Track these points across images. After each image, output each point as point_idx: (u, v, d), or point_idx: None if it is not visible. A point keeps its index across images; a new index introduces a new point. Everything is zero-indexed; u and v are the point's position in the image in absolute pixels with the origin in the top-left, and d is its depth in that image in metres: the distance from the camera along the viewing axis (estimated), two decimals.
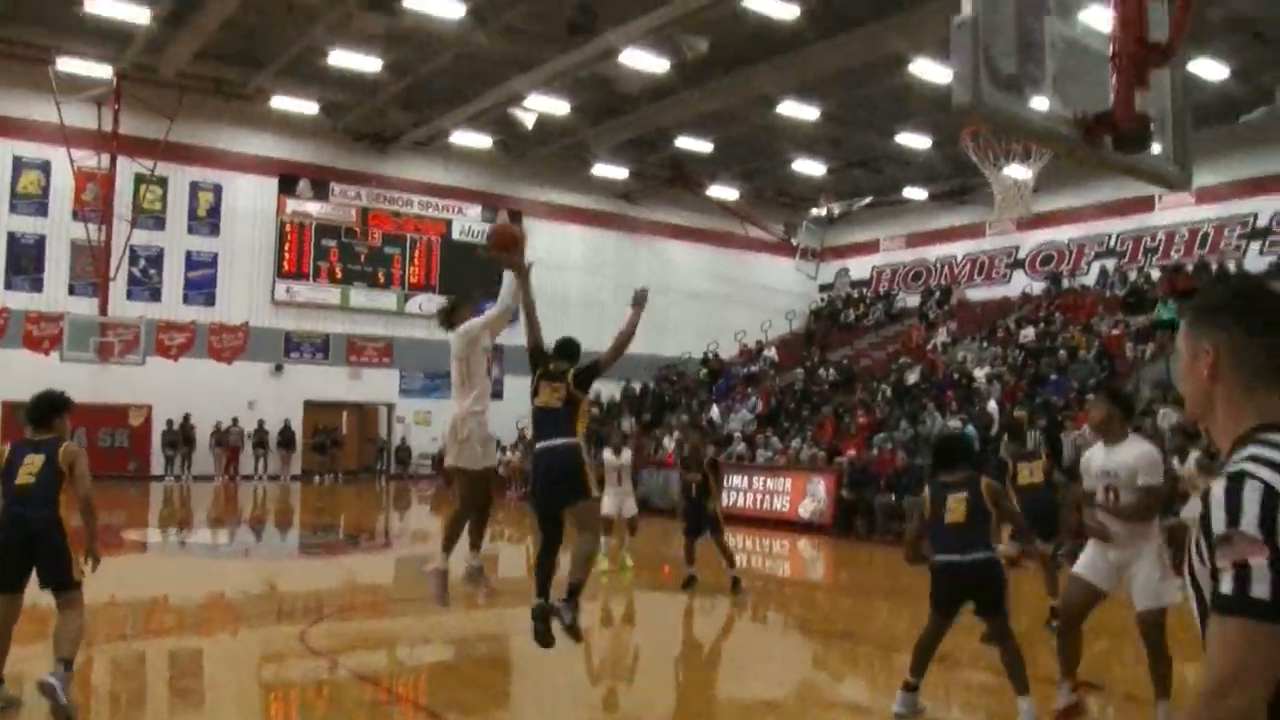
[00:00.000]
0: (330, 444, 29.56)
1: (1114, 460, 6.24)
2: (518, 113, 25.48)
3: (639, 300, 6.79)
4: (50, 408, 6.46)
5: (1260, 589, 1.75)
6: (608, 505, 12.46)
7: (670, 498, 22.61)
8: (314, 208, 29.64)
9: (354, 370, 30.22)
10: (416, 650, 8.96)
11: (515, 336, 28.94)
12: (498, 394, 29.65)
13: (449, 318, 7.11)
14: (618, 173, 31.77)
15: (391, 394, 30.82)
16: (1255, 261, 26.35)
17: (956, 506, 6.38)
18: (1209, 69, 21.85)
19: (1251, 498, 1.81)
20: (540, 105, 25.17)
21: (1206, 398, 2.10)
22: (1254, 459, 1.89)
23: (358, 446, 31.30)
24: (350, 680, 7.58)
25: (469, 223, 31.84)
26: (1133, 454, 6.21)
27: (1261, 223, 27.08)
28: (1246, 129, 24.32)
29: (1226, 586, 1.79)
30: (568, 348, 6.93)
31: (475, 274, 30.36)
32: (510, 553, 15.72)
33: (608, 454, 13.28)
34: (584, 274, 33.28)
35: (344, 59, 23.43)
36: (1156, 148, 5.44)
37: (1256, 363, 2.03)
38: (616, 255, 34.42)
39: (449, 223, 31.69)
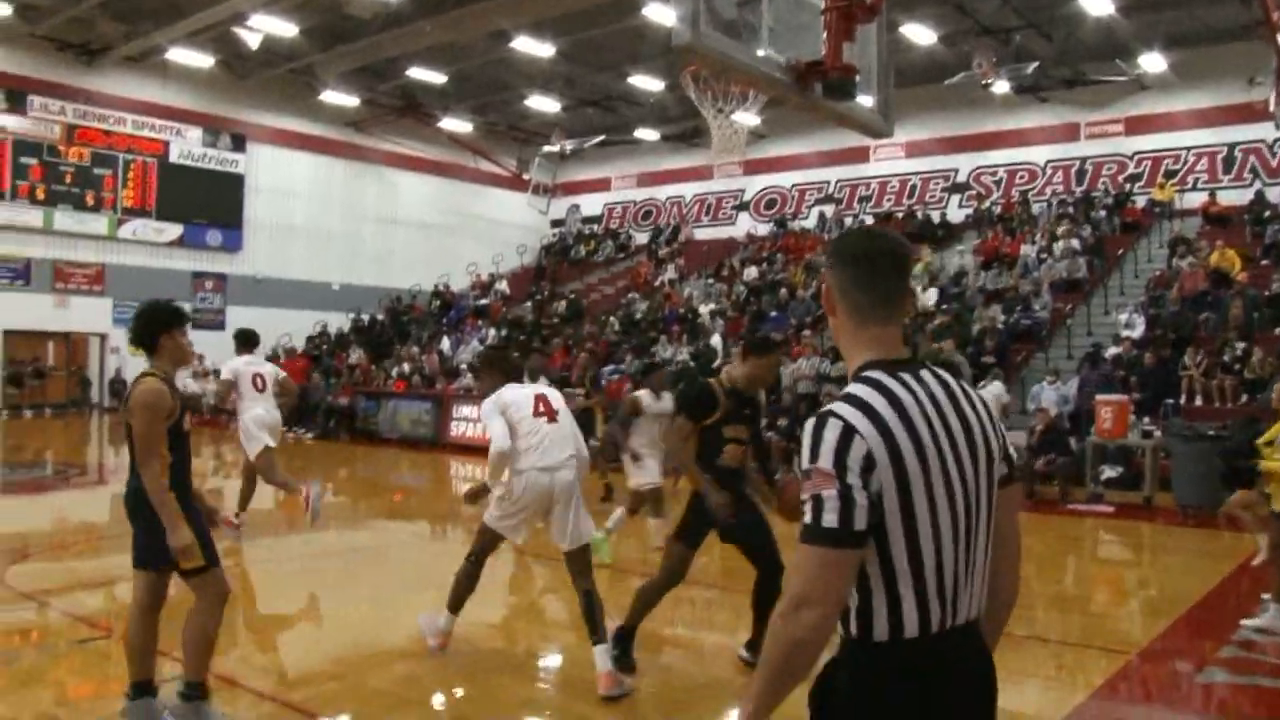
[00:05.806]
0: (34, 375, 27.48)
1: None
2: (241, 32, 24.07)
3: None
4: None
5: (830, 518, 1.95)
6: (654, 471, 9.75)
7: (400, 427, 22.72)
8: (9, 121, 26.89)
9: (60, 298, 28.08)
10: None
11: (239, 265, 27.37)
12: (220, 324, 28.67)
13: None
14: (347, 100, 30.64)
15: (104, 323, 28.62)
16: (955, 213, 28.49)
17: None
18: (918, 33, 23.23)
19: (830, 435, 1.99)
20: (266, 25, 23.69)
21: (837, 334, 2.24)
22: (846, 396, 2.06)
23: (66, 379, 29.09)
24: (64, 620, 7.12)
25: (189, 145, 30.00)
26: None
27: (960, 178, 29.33)
28: (950, 91, 25.86)
29: (806, 516, 1.98)
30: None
31: (196, 199, 29.31)
32: None
33: (645, 396, 9.98)
34: (310, 201, 32.34)
35: None
36: (865, 100, 5.86)
37: (858, 296, 2.17)
38: (344, 184, 33.48)
39: (167, 144, 29.58)
